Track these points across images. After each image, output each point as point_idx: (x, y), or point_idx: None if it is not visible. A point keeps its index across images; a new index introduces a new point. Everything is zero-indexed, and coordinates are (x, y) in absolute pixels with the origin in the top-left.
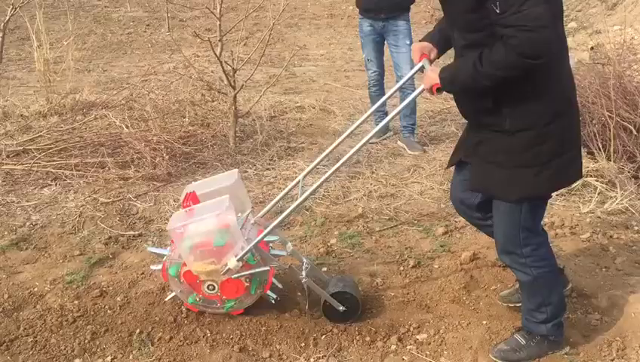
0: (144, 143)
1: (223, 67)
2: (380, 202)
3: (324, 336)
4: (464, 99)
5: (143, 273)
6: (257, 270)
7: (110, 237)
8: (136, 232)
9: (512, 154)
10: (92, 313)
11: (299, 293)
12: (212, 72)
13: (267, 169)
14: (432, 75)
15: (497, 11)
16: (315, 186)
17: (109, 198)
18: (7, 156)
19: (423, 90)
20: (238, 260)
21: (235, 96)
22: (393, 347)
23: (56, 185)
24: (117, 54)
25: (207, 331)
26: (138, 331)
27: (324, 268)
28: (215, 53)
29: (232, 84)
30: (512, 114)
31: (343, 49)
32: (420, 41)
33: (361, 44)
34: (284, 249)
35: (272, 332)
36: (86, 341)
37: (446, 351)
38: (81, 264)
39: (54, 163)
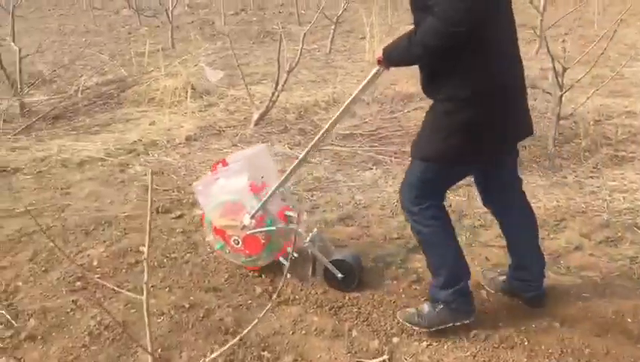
0: None
1: (553, 65)
2: None
3: None
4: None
5: None
6: (266, 229)
7: None
8: None
9: (434, 119)
10: (410, 296)
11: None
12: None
13: (590, 177)
14: (379, 49)
15: None
16: (313, 142)
17: None
18: (336, 138)
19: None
20: (251, 218)
21: (561, 97)
22: None
23: (376, 169)
24: None
25: (525, 339)
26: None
27: None
28: (549, 50)
29: (560, 83)
30: (444, 86)
31: None
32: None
33: None
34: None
35: (597, 356)
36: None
37: None
38: (398, 247)
39: (375, 148)
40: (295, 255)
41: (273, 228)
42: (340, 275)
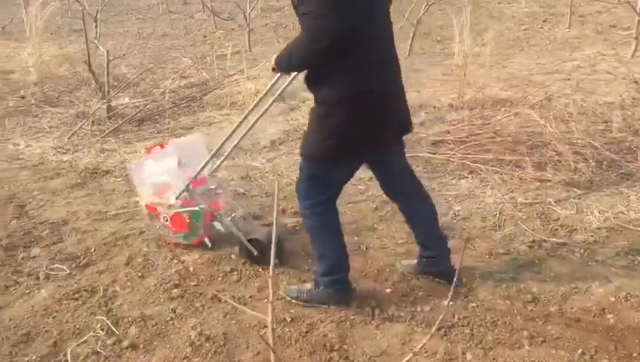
0: (567, 146)
1: None
2: None
3: None
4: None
5: (575, 287)
6: (189, 209)
7: (534, 241)
8: (560, 240)
9: (313, 120)
10: (527, 318)
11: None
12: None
13: None
14: (274, 56)
15: (295, 3)
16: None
17: (527, 199)
18: (426, 144)
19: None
20: (176, 198)
21: None
22: None
23: (472, 178)
24: (514, 50)
25: None
26: (580, 351)
27: None
28: None
29: None
30: (318, 90)
31: None
32: None
33: None
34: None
35: None
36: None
37: None
38: (507, 264)
39: (470, 156)
40: (220, 228)
41: (197, 208)
42: (255, 253)
